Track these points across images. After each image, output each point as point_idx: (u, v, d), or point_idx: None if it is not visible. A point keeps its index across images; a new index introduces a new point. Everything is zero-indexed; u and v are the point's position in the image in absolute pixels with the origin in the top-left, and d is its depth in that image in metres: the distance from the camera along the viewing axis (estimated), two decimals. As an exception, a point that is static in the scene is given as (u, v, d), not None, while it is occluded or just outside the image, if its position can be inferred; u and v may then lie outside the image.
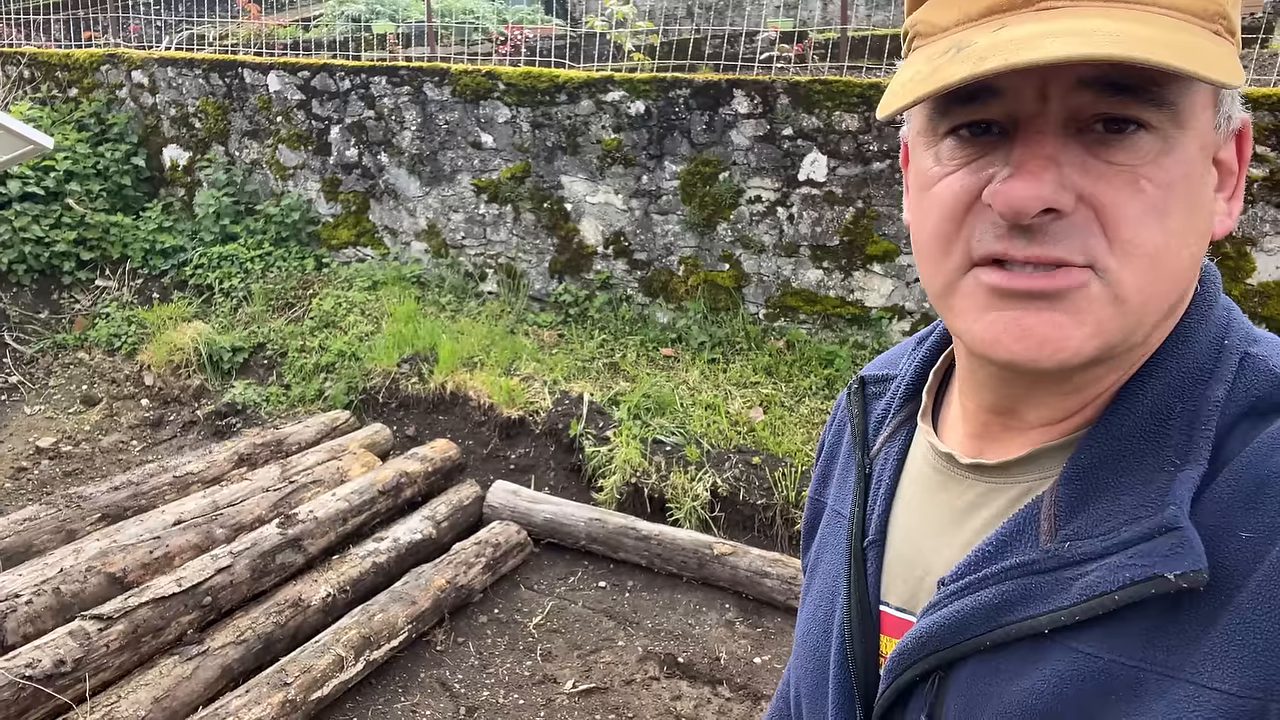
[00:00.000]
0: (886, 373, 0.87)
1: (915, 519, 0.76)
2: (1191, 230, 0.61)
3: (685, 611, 3.56)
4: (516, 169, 5.35)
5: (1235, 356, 0.64)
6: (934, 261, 0.65)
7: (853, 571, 0.78)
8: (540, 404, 4.48)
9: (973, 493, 0.72)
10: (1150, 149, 0.58)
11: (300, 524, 3.32)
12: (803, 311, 4.88)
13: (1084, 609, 0.59)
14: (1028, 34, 0.56)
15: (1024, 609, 0.62)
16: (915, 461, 0.79)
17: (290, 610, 3.08)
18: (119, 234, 6.04)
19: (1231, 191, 0.66)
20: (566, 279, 5.42)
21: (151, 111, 6.35)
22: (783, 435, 4.17)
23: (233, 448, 3.99)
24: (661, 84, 4.88)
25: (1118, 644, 0.58)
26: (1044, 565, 0.63)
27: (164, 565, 3.14)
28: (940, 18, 0.62)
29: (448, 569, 3.42)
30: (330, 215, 5.97)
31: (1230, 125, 0.64)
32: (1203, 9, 0.58)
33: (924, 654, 0.68)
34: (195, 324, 5.39)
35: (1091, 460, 0.63)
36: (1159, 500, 0.59)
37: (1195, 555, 0.56)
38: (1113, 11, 0.56)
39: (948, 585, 0.68)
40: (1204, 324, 0.65)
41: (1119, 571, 0.59)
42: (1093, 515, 0.62)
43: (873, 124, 4.49)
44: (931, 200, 0.64)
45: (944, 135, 0.64)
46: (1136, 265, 0.59)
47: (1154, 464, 0.61)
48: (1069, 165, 0.58)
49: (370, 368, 4.85)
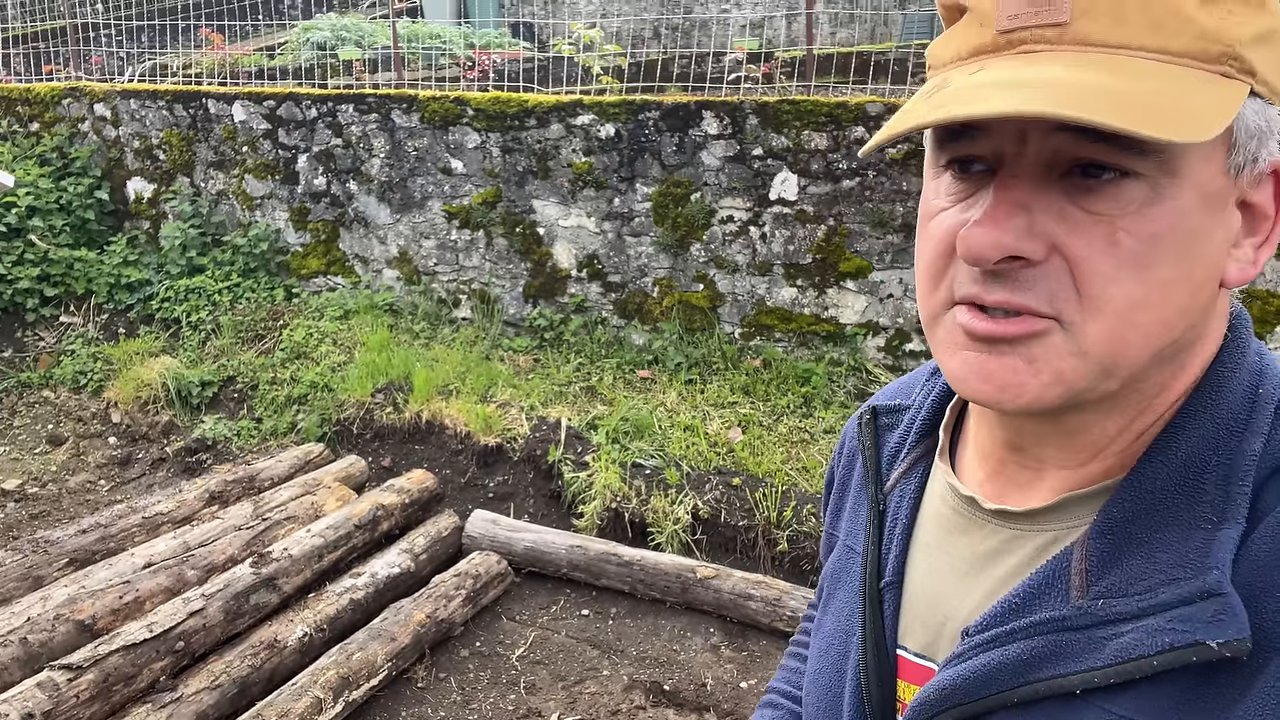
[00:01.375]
0: (899, 402, 0.85)
1: (935, 562, 0.74)
2: (1181, 281, 0.58)
3: (670, 637, 3.53)
4: (488, 194, 5.33)
5: (1270, 406, 0.62)
6: (925, 293, 0.66)
7: (868, 613, 0.77)
8: (518, 430, 4.44)
9: (996, 539, 0.70)
10: (1134, 197, 0.56)
11: (274, 562, 3.25)
12: (778, 330, 4.89)
13: (1119, 671, 0.58)
14: (990, 81, 0.56)
15: (1054, 667, 0.61)
16: (933, 500, 0.77)
17: (266, 652, 3.01)
18: (83, 269, 5.93)
19: (1263, 237, 0.63)
20: (541, 303, 5.39)
21: (115, 144, 6.26)
22: (762, 455, 4.16)
23: (203, 485, 3.91)
24: (631, 106, 4.89)
25: (1151, 708, 0.57)
26: (1076, 623, 0.61)
27: (134, 610, 3.06)
28: (942, 52, 0.63)
29: (427, 603, 3.36)
30: (299, 245, 5.90)
31: (1258, 167, 0.60)
32: (1202, 51, 0.55)
33: (947, 706, 0.66)
34: (163, 358, 5.30)
35: (1124, 514, 0.62)
36: (1198, 561, 0.57)
37: (1239, 623, 0.54)
38: (1089, 57, 0.55)
39: (973, 636, 0.66)
40: (1237, 372, 0.63)
41: (1157, 635, 0.57)
42: (1127, 572, 0.60)
43: (841, 143, 4.53)
44: (928, 235, 0.65)
45: (944, 167, 0.64)
46: (1103, 322, 0.57)
47: (1189, 520, 0.59)
48: (1044, 212, 0.57)
49: (344, 398, 4.79)
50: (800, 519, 3.74)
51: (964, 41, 0.61)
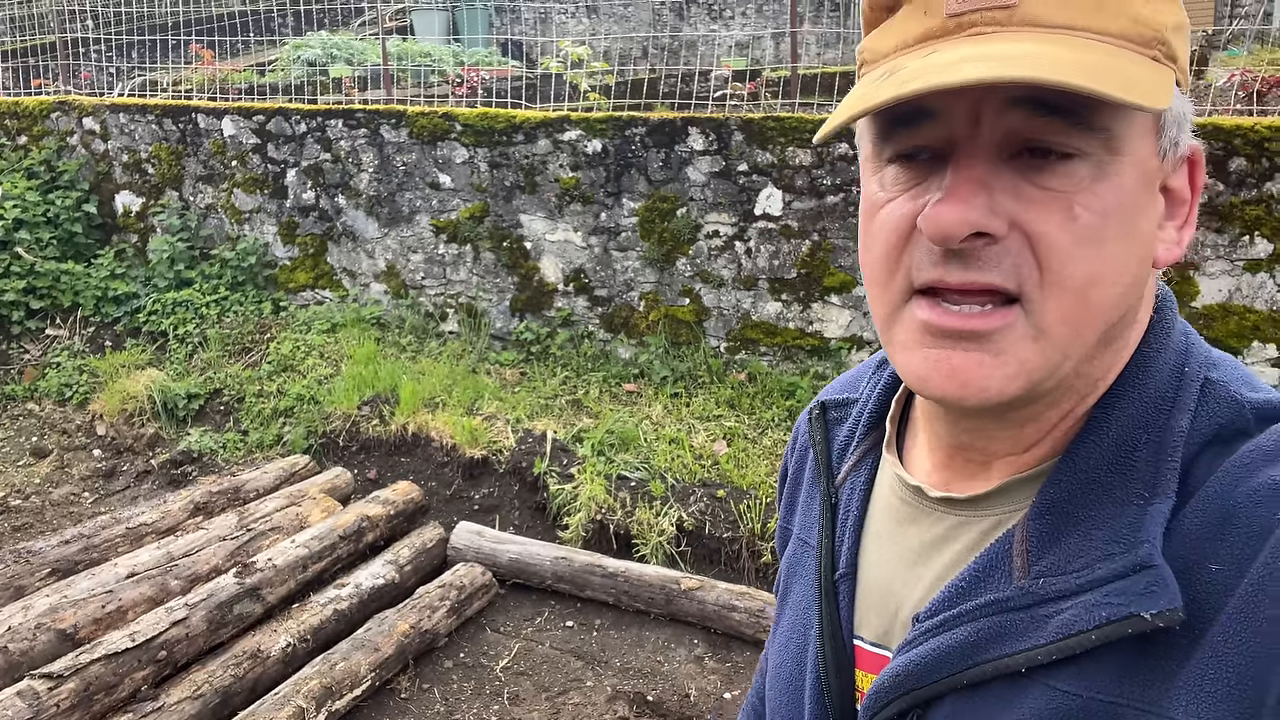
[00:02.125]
0: (847, 396, 0.87)
1: (886, 552, 0.76)
2: (1128, 258, 0.61)
3: (654, 648, 3.54)
4: (475, 209, 5.36)
5: (1196, 383, 0.63)
6: (880, 288, 0.65)
7: (824, 605, 0.78)
8: (503, 443, 4.45)
9: (942, 526, 0.71)
10: (1083, 175, 0.58)
11: (258, 572, 3.25)
12: (763, 344, 4.93)
13: (1060, 648, 0.59)
14: (952, 58, 0.57)
15: (999, 647, 0.62)
16: (882, 492, 0.78)
17: (249, 662, 3.01)
18: (70, 282, 5.93)
19: (1184, 220, 0.66)
20: (528, 317, 5.42)
21: (103, 158, 6.28)
22: (746, 467, 4.19)
23: (188, 496, 3.90)
24: (618, 123, 4.94)
25: (1094, 681, 0.58)
26: (1018, 603, 0.62)
27: (117, 620, 3.05)
28: (882, 44, 0.64)
29: (411, 614, 3.37)
30: (287, 258, 5.92)
31: (1178, 152, 0.64)
32: (1138, 34, 0.58)
33: (900, 692, 0.67)
34: (149, 371, 5.30)
35: (1060, 494, 0.63)
36: (1131, 536, 0.59)
37: (1170, 594, 0.56)
38: (1043, 36, 0.57)
39: (923, 622, 0.67)
40: (1163, 351, 0.65)
41: (1094, 610, 0.58)
42: (1065, 550, 0.62)
43: (825, 159, 4.59)
44: (876, 226, 0.65)
45: (888, 161, 0.64)
46: (1062, 297, 0.59)
47: (1122, 496, 0.61)
48: (1001, 191, 0.59)
49: (330, 411, 4.79)
50: (784, 530, 3.76)
51: (908, 30, 0.62)
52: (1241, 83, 4.61)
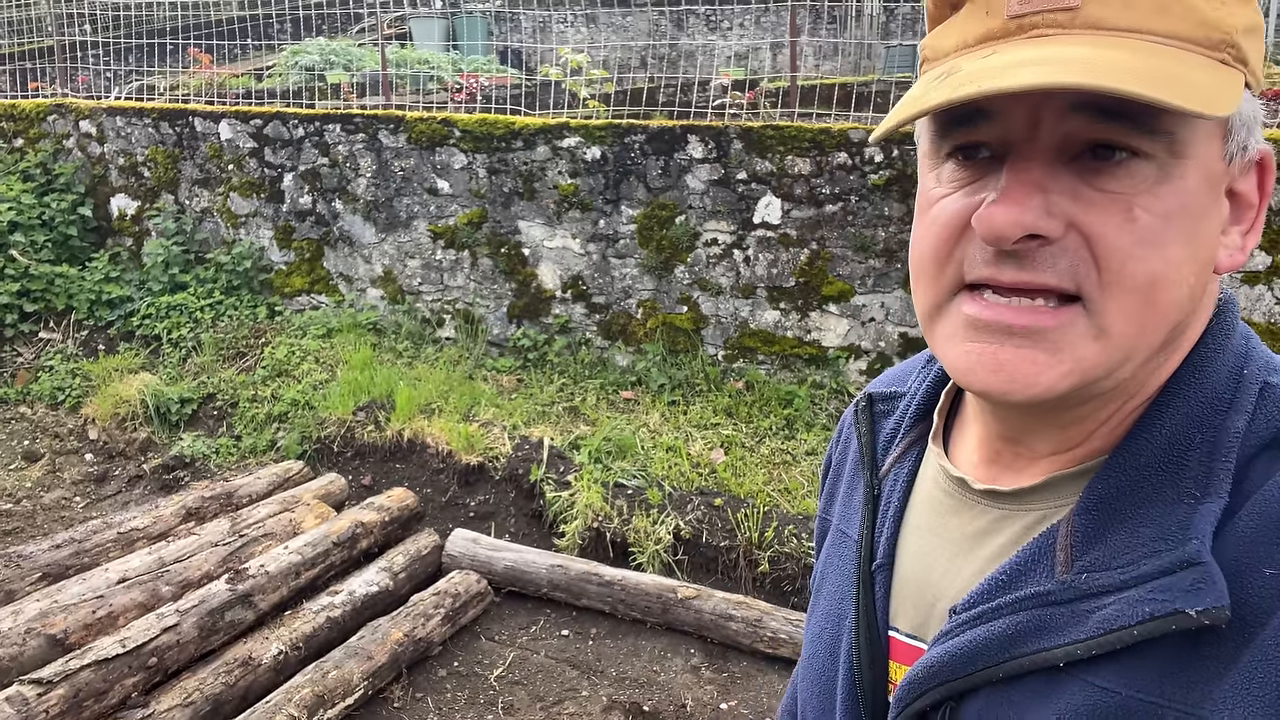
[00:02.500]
0: (895, 390, 0.86)
1: (926, 543, 0.75)
2: (1189, 263, 0.59)
3: (650, 658, 3.50)
4: (473, 215, 5.35)
5: (1255, 386, 0.62)
6: (927, 281, 0.65)
7: (860, 595, 0.77)
8: (500, 450, 4.43)
9: (985, 519, 0.70)
10: (1145, 177, 0.57)
11: (250, 579, 3.21)
12: (761, 352, 4.92)
13: (1101, 643, 0.58)
14: (1010, 61, 0.56)
15: (1038, 641, 0.61)
16: (925, 484, 0.78)
17: (240, 670, 2.97)
18: (64, 285, 5.90)
19: (1249, 225, 0.65)
20: (525, 323, 5.40)
21: (99, 161, 6.25)
22: (744, 476, 4.17)
23: (180, 502, 3.87)
24: (617, 130, 4.94)
25: (1135, 679, 0.57)
26: (1060, 597, 0.61)
27: (107, 625, 3.01)
28: (943, 43, 0.64)
29: (405, 621, 3.33)
30: (283, 263, 5.90)
31: (1247, 156, 0.63)
32: (1205, 37, 0.57)
33: (935, 683, 0.66)
34: (142, 375, 5.26)
35: (1109, 490, 0.62)
36: (1180, 534, 0.58)
37: (1217, 591, 0.55)
38: (1102, 39, 0.56)
39: (960, 614, 0.66)
40: (1222, 353, 0.64)
41: (1138, 606, 0.57)
42: (1110, 547, 0.61)
43: (824, 168, 4.59)
44: (929, 220, 0.65)
45: (945, 157, 0.64)
46: (1124, 299, 0.58)
47: (1173, 495, 0.60)
48: (1058, 192, 0.58)
49: (325, 416, 4.76)
50: (782, 540, 3.74)
51: (969, 29, 0.61)
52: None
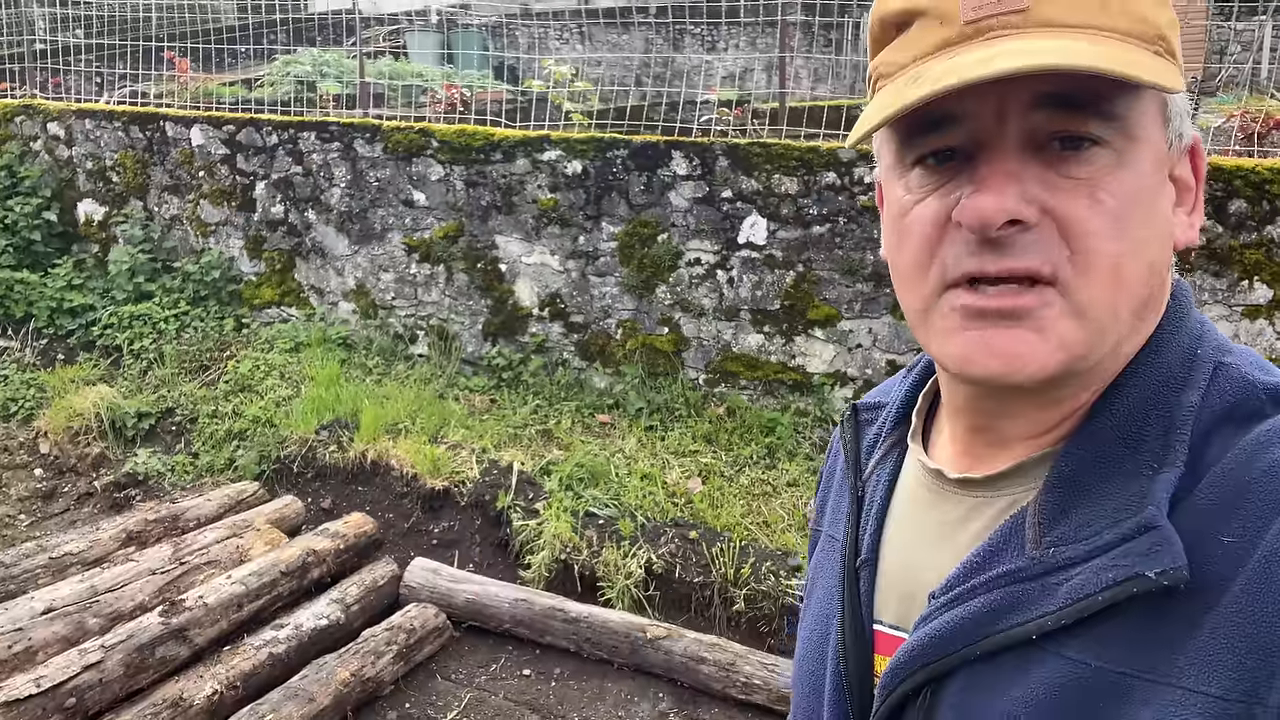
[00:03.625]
0: (879, 400, 0.90)
1: (907, 537, 0.77)
2: (1150, 239, 0.64)
3: (615, 702, 3.29)
4: (450, 228, 5.17)
5: (1208, 365, 0.66)
6: (912, 285, 0.68)
7: (846, 592, 0.79)
8: (467, 474, 4.22)
9: (962, 507, 0.73)
10: (1105, 163, 0.61)
11: (187, 611, 2.99)
12: (743, 377, 4.73)
13: (1069, 612, 0.60)
14: (977, 58, 0.59)
15: (1011, 617, 0.63)
16: (906, 481, 0.80)
17: (169, 712, 2.74)
18: (24, 291, 5.68)
19: (1192, 205, 0.69)
20: (500, 342, 5.21)
21: (67, 164, 6.06)
22: (721, 507, 3.97)
23: (121, 524, 3.64)
24: (599, 143, 4.77)
25: (1104, 650, 0.59)
26: (1030, 572, 0.63)
27: (25, 661, 2.78)
28: (899, 57, 0.66)
29: (354, 659, 3.11)
30: (253, 273, 5.69)
31: (1183, 142, 0.67)
32: (1142, 32, 0.62)
33: (915, 668, 0.68)
34: (100, 387, 5.04)
35: (1072, 467, 0.65)
36: (1138, 503, 0.61)
37: (1174, 553, 0.57)
38: (1058, 34, 0.60)
39: (938, 598, 0.68)
40: (1176, 335, 0.67)
41: (1102, 573, 0.60)
42: (1076, 521, 0.63)
43: (812, 187, 4.42)
44: (906, 227, 0.67)
45: (912, 165, 0.67)
46: (1096, 276, 0.61)
47: (1132, 469, 0.63)
48: (1030, 180, 0.61)
49: (286, 435, 4.54)
50: (759, 577, 3.53)
51: (924, 41, 0.64)
52: (1240, 124, 4.49)
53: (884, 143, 0.70)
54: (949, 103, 0.60)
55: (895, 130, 0.67)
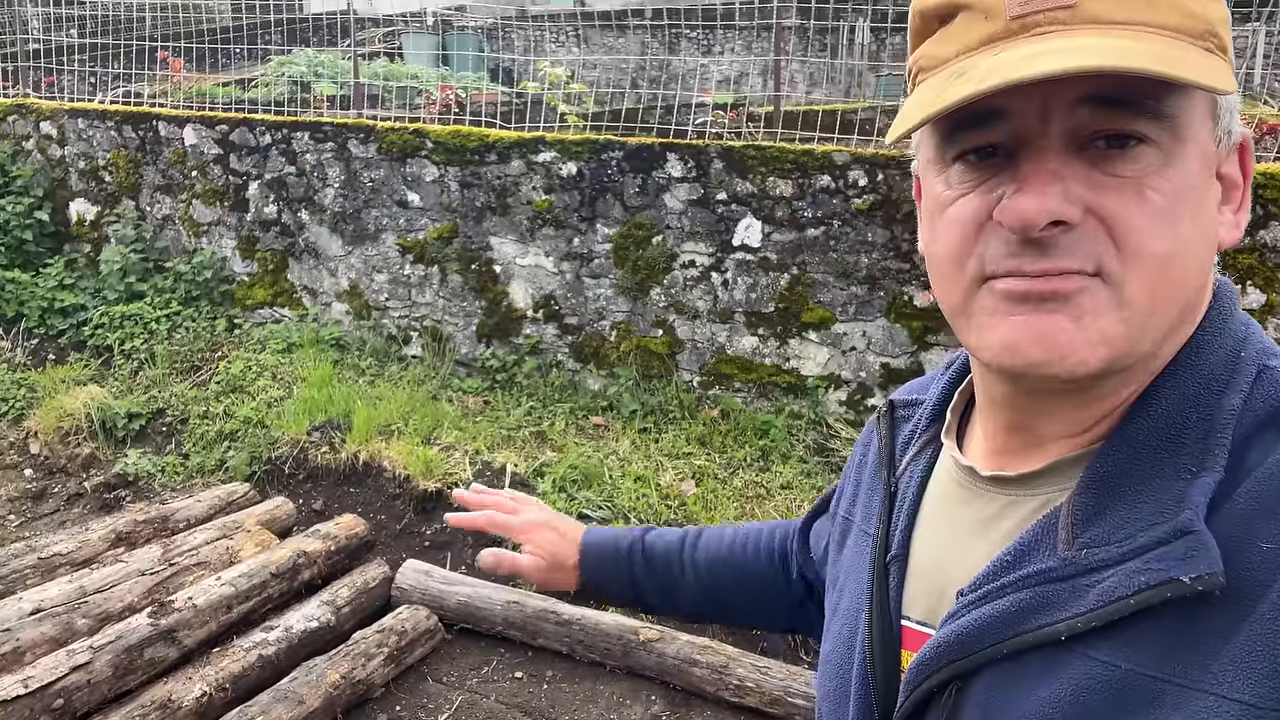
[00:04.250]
0: (916, 397, 0.90)
1: (938, 533, 0.77)
2: (1197, 238, 0.62)
3: (608, 704, 3.27)
4: (444, 229, 5.15)
5: (1252, 368, 0.64)
6: (950, 279, 0.67)
7: (875, 587, 0.79)
8: (460, 475, 4.20)
9: (994, 505, 0.72)
10: (1152, 161, 0.60)
11: (176, 613, 2.97)
12: (738, 380, 4.72)
13: (1100, 615, 0.59)
14: (1023, 55, 0.58)
15: (1041, 617, 0.63)
16: (939, 478, 0.80)
17: (158, 713, 2.72)
18: (15, 291, 5.65)
19: (1238, 204, 0.68)
20: (494, 343, 5.19)
21: (59, 164, 6.03)
22: (715, 509, 3.96)
23: (110, 525, 3.61)
24: (594, 146, 4.76)
25: (1135, 653, 0.58)
26: (1061, 573, 0.63)
27: (12, 662, 2.75)
28: (942, 51, 0.65)
29: (344, 662, 3.09)
30: (246, 274, 5.67)
31: (1231, 140, 0.66)
32: (1191, 27, 0.60)
33: (941, 664, 0.67)
34: (90, 387, 5.01)
35: (1108, 469, 0.64)
36: (1175, 506, 0.60)
37: (1210, 558, 0.56)
38: (1105, 31, 0.59)
39: (966, 595, 0.68)
40: (1220, 336, 0.66)
41: (1135, 576, 0.59)
42: (1110, 523, 0.62)
43: (807, 190, 4.42)
44: (946, 222, 0.67)
45: (953, 161, 0.66)
46: (1144, 272, 0.60)
47: (1170, 472, 0.62)
48: (1073, 180, 0.60)
49: (277, 436, 4.52)
50: (752, 580, 3.52)
51: (969, 35, 0.63)
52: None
53: (924, 137, 0.70)
54: (993, 99, 0.59)
55: (936, 125, 0.66)
